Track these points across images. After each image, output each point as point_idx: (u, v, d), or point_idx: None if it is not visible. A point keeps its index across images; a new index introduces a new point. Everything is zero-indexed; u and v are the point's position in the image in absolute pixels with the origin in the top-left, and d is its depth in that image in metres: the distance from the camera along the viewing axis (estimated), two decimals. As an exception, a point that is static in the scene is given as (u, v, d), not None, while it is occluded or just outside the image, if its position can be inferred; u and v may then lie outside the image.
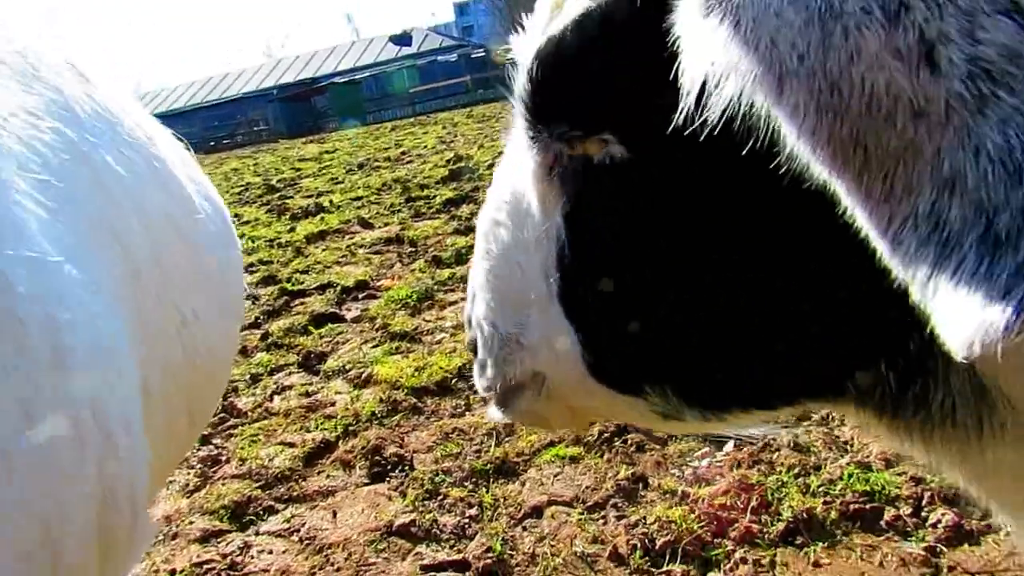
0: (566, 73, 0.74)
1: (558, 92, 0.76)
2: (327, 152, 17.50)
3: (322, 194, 10.32)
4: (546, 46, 0.75)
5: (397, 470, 2.87)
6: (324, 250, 6.82)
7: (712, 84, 0.48)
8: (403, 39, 43.05)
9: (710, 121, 0.51)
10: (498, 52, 0.89)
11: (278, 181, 12.83)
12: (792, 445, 2.58)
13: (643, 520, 2.32)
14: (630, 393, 0.83)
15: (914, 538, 2.08)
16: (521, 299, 0.90)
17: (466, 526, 2.46)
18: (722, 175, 0.65)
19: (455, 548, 2.36)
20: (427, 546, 2.38)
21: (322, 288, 5.47)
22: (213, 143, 33.04)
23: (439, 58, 38.22)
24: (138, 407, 0.87)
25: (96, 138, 0.86)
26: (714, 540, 2.18)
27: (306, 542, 2.51)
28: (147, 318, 0.97)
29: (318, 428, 3.31)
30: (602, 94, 0.72)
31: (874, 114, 0.41)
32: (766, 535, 2.17)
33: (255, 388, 3.91)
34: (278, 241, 7.46)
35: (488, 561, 2.23)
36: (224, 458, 3.19)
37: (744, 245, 0.68)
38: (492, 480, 2.71)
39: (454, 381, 3.52)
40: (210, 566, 2.44)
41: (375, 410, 3.35)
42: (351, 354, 4.15)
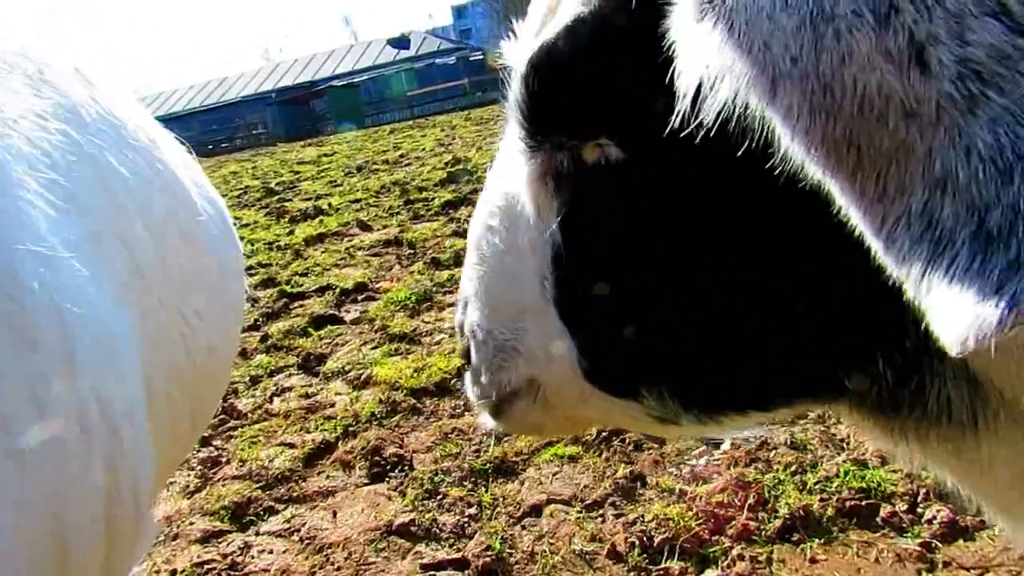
0: (563, 79, 0.74)
1: (555, 98, 0.75)
2: (326, 155, 17.51)
3: (321, 197, 10.34)
4: (541, 52, 0.74)
5: (397, 470, 2.89)
6: (323, 252, 6.83)
7: (707, 87, 0.48)
8: (401, 42, 43.08)
9: (706, 123, 0.51)
10: (495, 55, 0.90)
11: (277, 184, 12.84)
12: (789, 443, 2.60)
13: (641, 518, 2.34)
14: (626, 397, 0.83)
15: (910, 534, 2.10)
16: (515, 305, 0.89)
17: (465, 525, 2.48)
18: (718, 176, 0.66)
19: (455, 547, 2.37)
20: (427, 545, 2.40)
21: (321, 290, 5.49)
22: (211, 146, 33.05)
23: (437, 61, 38.21)
24: (142, 405, 0.88)
25: (101, 141, 0.88)
26: (712, 537, 2.20)
27: (306, 542, 2.53)
28: (150, 318, 0.99)
29: (318, 429, 3.32)
30: (600, 99, 0.72)
31: (866, 115, 0.41)
32: (763, 532, 2.19)
33: (255, 390, 3.93)
34: (277, 244, 7.48)
35: (487, 559, 2.25)
36: (224, 459, 3.20)
37: (741, 246, 0.68)
38: (491, 479, 2.72)
39: (453, 382, 3.53)
40: (211, 566, 2.46)
41: (374, 411, 3.36)
42: (350, 355, 4.16)
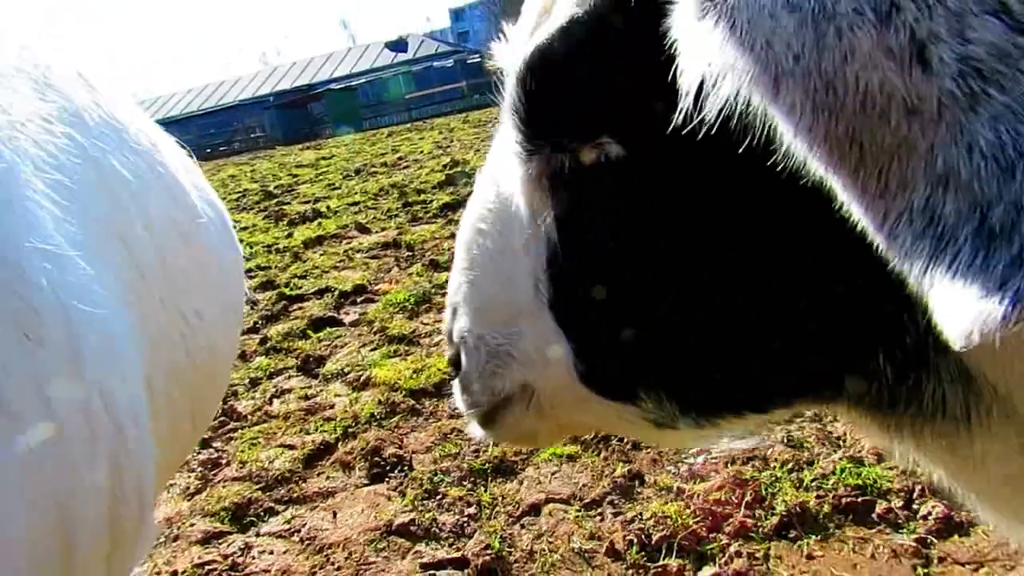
0: (562, 80, 0.72)
1: (555, 99, 0.74)
2: (324, 158, 17.53)
3: (319, 200, 10.36)
4: (538, 53, 0.73)
5: (396, 470, 2.90)
6: (322, 255, 6.85)
7: (709, 84, 0.49)
8: (399, 45, 43.14)
9: (707, 121, 0.51)
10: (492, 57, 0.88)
11: (275, 187, 12.86)
12: (785, 441, 2.62)
13: (639, 516, 2.35)
14: (624, 400, 0.82)
15: (905, 530, 2.12)
16: (509, 308, 0.87)
17: (465, 524, 2.49)
18: (720, 173, 0.65)
19: (454, 546, 2.39)
20: (426, 545, 2.41)
21: (320, 292, 5.50)
22: (210, 150, 33.06)
23: (435, 64, 38.29)
24: (145, 404, 0.90)
25: (103, 144, 0.90)
26: (709, 535, 2.21)
27: (307, 542, 2.54)
28: (151, 318, 1.00)
29: (317, 430, 3.33)
30: (601, 99, 0.71)
31: (868, 112, 0.42)
32: (760, 529, 2.21)
33: (254, 392, 3.94)
34: (276, 246, 7.50)
35: (487, 558, 2.26)
36: (224, 461, 3.21)
37: (742, 243, 0.68)
38: (490, 479, 2.74)
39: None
40: (212, 567, 2.47)
41: (374, 412, 3.37)
42: (349, 357, 4.17)
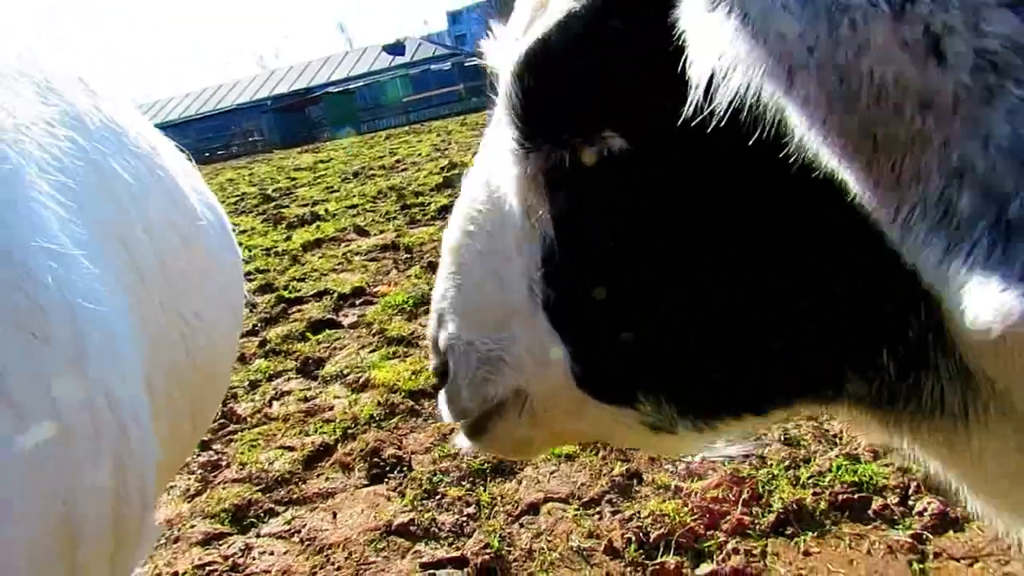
0: (563, 74, 0.71)
1: (554, 94, 0.72)
2: (322, 161, 17.55)
3: (318, 203, 10.38)
4: (536, 48, 0.71)
5: (396, 471, 2.92)
6: (320, 258, 6.86)
7: (720, 76, 0.48)
8: (396, 48, 43.16)
9: (717, 113, 0.50)
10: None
11: (274, 191, 12.88)
12: (782, 439, 2.64)
13: (637, 514, 2.37)
14: (621, 403, 0.79)
15: (901, 526, 2.13)
16: (500, 312, 0.85)
17: (464, 524, 2.51)
18: (727, 166, 0.64)
19: (454, 545, 2.40)
20: (426, 544, 2.43)
21: (319, 295, 5.52)
22: (208, 154, 33.07)
23: (432, 67, 38.30)
24: (146, 403, 0.91)
25: (104, 147, 0.91)
26: (707, 532, 2.23)
27: (307, 543, 2.55)
28: (151, 319, 1.02)
29: (317, 432, 3.35)
30: (605, 92, 0.69)
31: (883, 105, 0.41)
32: (757, 526, 2.22)
33: (254, 394, 3.95)
34: (275, 250, 7.51)
35: (486, 557, 2.27)
36: (224, 463, 3.22)
37: (748, 239, 0.67)
38: (489, 479, 2.75)
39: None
40: (212, 568, 2.48)
41: (373, 413, 3.39)
42: (349, 359, 4.19)
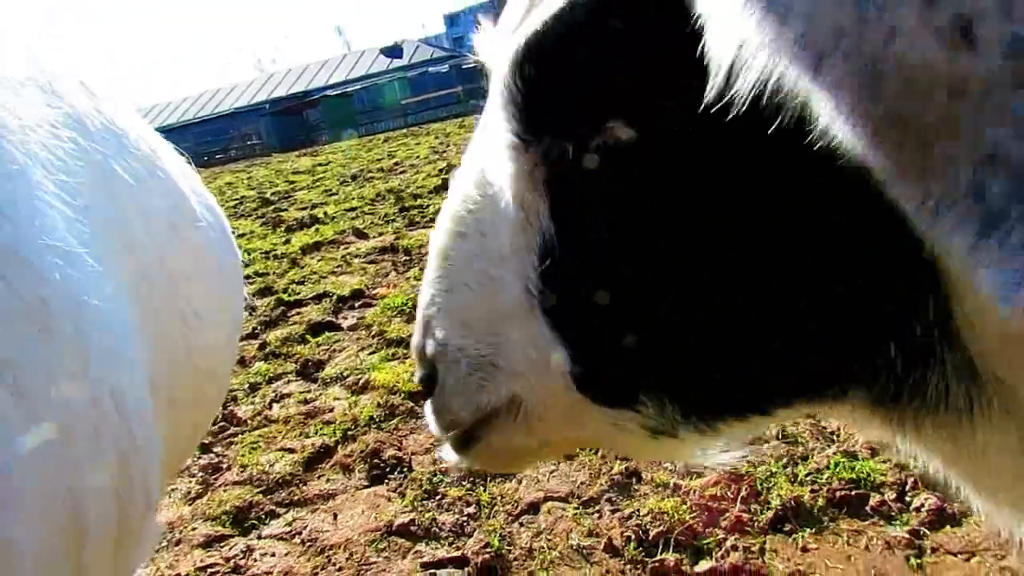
0: (566, 63, 0.69)
1: (557, 85, 0.70)
2: (320, 164, 17.58)
3: (316, 206, 10.39)
4: (537, 38, 0.69)
5: (396, 472, 2.93)
6: (319, 260, 6.88)
7: (742, 62, 0.47)
8: (394, 51, 43.22)
9: (738, 100, 0.49)
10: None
11: (272, 194, 12.89)
12: (780, 436, 2.65)
13: (637, 512, 2.38)
14: (623, 406, 0.78)
15: (898, 522, 2.15)
16: (494, 314, 0.82)
17: (464, 524, 2.52)
18: (741, 155, 0.62)
19: (454, 545, 2.41)
20: (427, 544, 2.43)
21: (318, 298, 5.53)
22: (206, 158, 33.06)
23: (430, 69, 38.38)
24: (149, 402, 0.92)
25: (105, 149, 0.92)
26: (706, 529, 2.24)
27: (308, 544, 2.56)
28: (152, 319, 1.03)
29: (317, 434, 3.35)
30: (610, 81, 0.67)
31: (912, 91, 0.41)
32: (756, 523, 2.23)
33: (254, 397, 3.96)
34: (274, 253, 7.52)
35: (487, 556, 2.28)
36: (225, 465, 3.23)
37: (761, 230, 0.65)
38: (489, 479, 2.76)
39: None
40: (214, 570, 2.49)
41: (373, 415, 3.40)
42: (348, 361, 4.20)
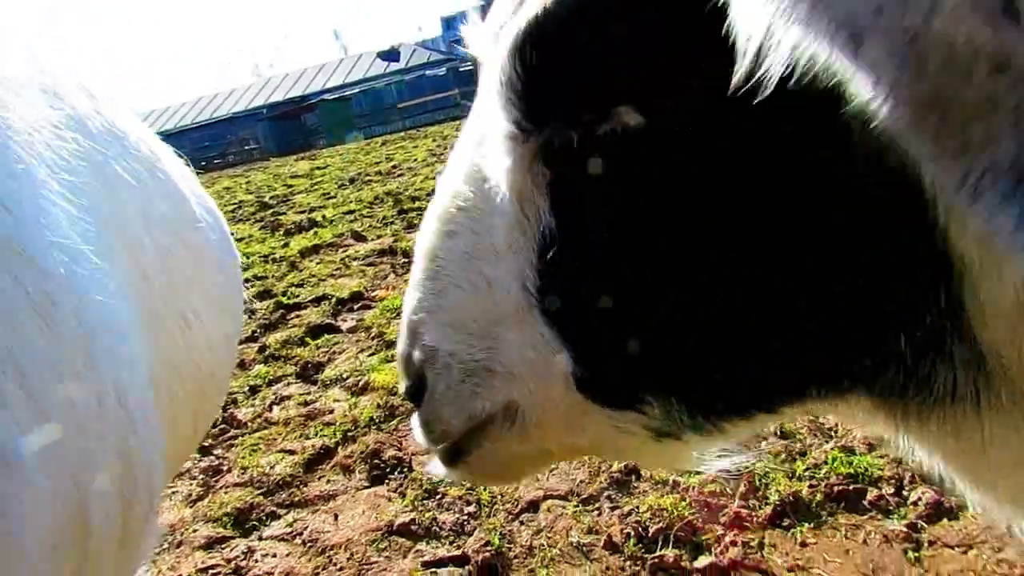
0: (570, 47, 0.66)
1: (561, 69, 0.67)
2: (318, 168, 17.60)
3: (315, 209, 10.40)
4: (538, 21, 0.66)
5: (396, 472, 2.94)
6: (318, 263, 6.89)
7: (772, 41, 0.46)
8: (391, 54, 43.27)
9: (766, 81, 0.48)
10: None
11: (271, 198, 12.91)
12: (778, 432, 2.66)
13: (636, 509, 2.39)
14: (628, 407, 0.75)
15: (896, 516, 2.16)
16: (488, 316, 0.78)
17: (465, 523, 2.53)
18: (761, 139, 0.60)
19: (454, 544, 2.42)
20: (427, 543, 2.45)
21: (317, 300, 5.54)
22: (204, 163, 33.06)
23: (427, 72, 38.43)
24: (152, 400, 0.94)
25: (106, 150, 0.94)
26: (705, 525, 2.25)
27: (309, 544, 2.57)
28: (153, 318, 1.04)
29: (317, 435, 3.36)
30: (620, 64, 0.64)
31: (953, 68, 0.40)
32: (754, 519, 2.25)
33: (254, 399, 3.97)
34: (273, 256, 7.54)
35: (487, 555, 2.29)
36: (226, 467, 3.24)
37: (777, 219, 0.63)
38: (489, 478, 2.77)
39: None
40: (215, 571, 2.50)
41: (373, 416, 3.41)
42: (348, 363, 4.21)
